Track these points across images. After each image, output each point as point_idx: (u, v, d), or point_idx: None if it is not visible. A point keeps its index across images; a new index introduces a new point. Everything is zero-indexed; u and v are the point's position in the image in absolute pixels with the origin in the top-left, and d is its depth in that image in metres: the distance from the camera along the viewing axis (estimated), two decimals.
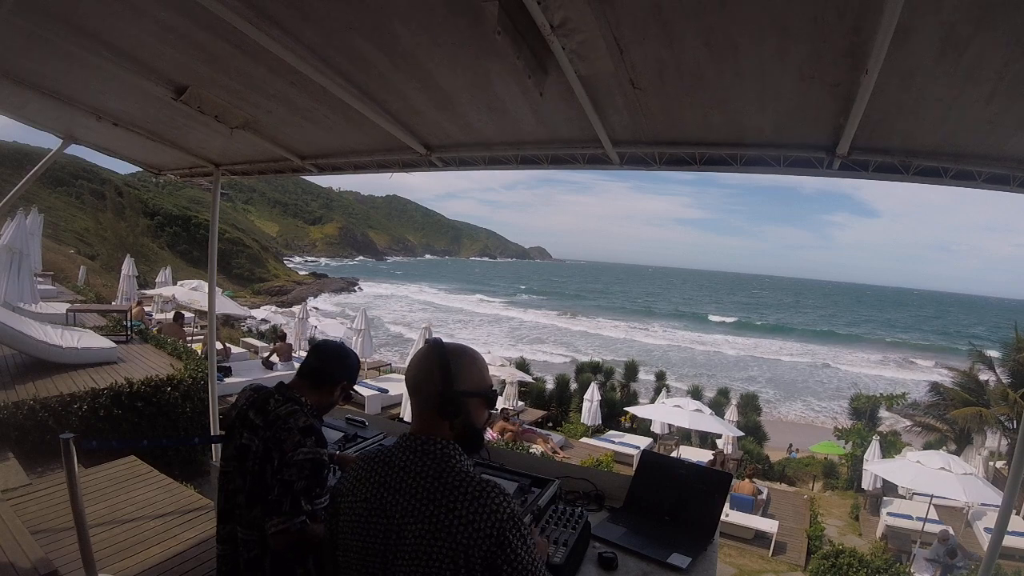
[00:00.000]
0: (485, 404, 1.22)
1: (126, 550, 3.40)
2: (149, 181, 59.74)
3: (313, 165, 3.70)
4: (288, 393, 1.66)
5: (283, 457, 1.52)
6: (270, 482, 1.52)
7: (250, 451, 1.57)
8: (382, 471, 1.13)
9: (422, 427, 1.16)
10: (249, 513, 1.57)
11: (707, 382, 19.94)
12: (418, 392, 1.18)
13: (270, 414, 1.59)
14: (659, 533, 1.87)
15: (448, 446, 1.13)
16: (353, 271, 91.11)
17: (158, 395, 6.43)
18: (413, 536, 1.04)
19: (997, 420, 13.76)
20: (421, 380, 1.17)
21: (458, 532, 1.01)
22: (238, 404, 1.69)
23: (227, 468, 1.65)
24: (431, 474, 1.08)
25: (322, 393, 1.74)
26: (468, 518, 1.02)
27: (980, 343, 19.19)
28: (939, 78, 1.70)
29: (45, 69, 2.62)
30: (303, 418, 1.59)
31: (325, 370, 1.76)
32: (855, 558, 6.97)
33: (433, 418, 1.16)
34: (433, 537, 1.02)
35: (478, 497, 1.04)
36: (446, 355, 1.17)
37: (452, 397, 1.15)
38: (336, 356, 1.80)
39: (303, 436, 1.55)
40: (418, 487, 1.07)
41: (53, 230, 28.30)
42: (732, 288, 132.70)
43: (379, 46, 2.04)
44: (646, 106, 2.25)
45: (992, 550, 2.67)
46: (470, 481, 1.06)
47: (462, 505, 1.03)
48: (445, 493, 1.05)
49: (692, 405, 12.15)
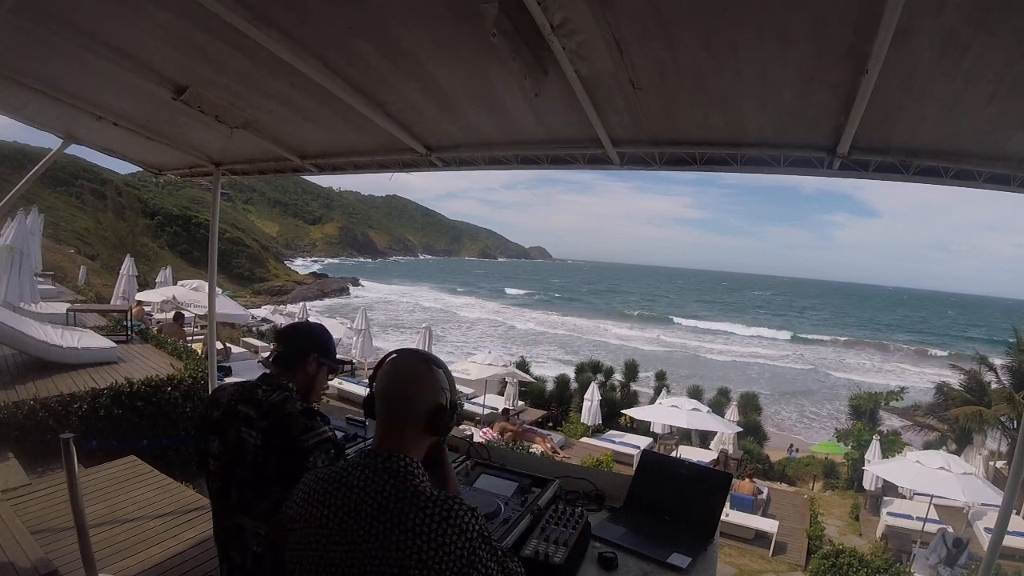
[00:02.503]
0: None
1: (126, 550, 3.40)
2: (149, 181, 59.64)
3: (313, 165, 3.70)
4: (274, 381, 1.66)
5: (294, 444, 1.52)
6: (284, 471, 1.51)
7: (248, 444, 1.56)
8: (339, 492, 1.04)
9: (390, 443, 1.09)
10: (259, 505, 1.56)
11: (707, 385, 19.91)
12: (406, 405, 1.11)
13: (262, 403, 1.59)
14: (659, 533, 1.86)
15: (411, 464, 1.06)
16: (353, 271, 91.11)
17: (158, 395, 6.43)
18: (378, 562, 0.96)
19: (997, 420, 13.77)
20: (412, 392, 1.11)
21: (427, 555, 0.95)
22: (222, 401, 1.66)
23: (218, 464, 1.63)
24: (394, 494, 1.01)
25: (297, 373, 1.72)
26: (438, 540, 0.96)
27: (981, 344, 19.16)
28: (939, 79, 1.70)
29: (45, 69, 2.62)
30: (298, 402, 1.59)
31: (292, 350, 1.74)
32: (855, 558, 6.97)
33: (415, 433, 1.11)
34: (400, 562, 0.95)
35: (446, 517, 0.98)
36: (440, 365, 1.14)
37: (450, 410, 1.12)
38: (299, 333, 1.79)
39: (308, 419, 1.55)
40: (381, 509, 0.99)
41: (53, 230, 28.29)
42: (732, 288, 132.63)
43: (379, 47, 2.04)
44: (646, 106, 2.25)
45: (992, 550, 2.67)
46: (435, 500, 1.00)
47: (429, 527, 0.97)
48: (410, 515, 0.98)
49: (690, 404, 12.16)
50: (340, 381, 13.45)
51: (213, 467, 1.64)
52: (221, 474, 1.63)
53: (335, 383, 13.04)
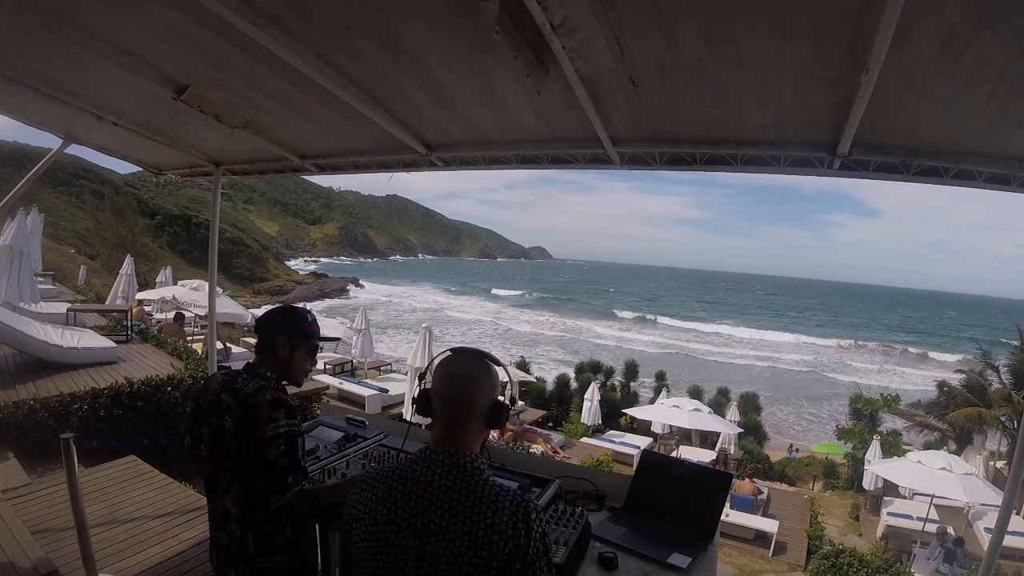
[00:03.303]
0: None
1: (126, 550, 3.40)
2: (149, 181, 59.65)
3: (313, 165, 3.70)
4: (254, 371, 1.71)
5: (256, 434, 1.56)
6: (251, 460, 1.57)
7: (226, 432, 1.61)
8: (405, 488, 1.08)
9: (452, 440, 1.12)
10: (239, 491, 1.62)
11: (707, 385, 19.89)
12: (466, 403, 1.15)
13: (239, 393, 1.63)
14: (659, 533, 1.86)
15: (477, 459, 1.11)
16: (353, 271, 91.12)
17: (158, 395, 6.43)
18: (451, 554, 1.01)
19: (997, 420, 13.75)
20: (475, 392, 1.15)
21: (497, 549, 1.00)
22: (210, 389, 1.72)
23: (208, 450, 1.69)
24: (464, 490, 1.05)
25: (273, 359, 1.75)
26: (507, 534, 1.01)
27: (981, 344, 19.13)
28: (940, 78, 1.70)
29: (45, 68, 2.61)
30: (270, 392, 1.62)
31: (262, 339, 1.78)
32: (855, 558, 6.96)
33: (475, 430, 1.15)
34: (474, 553, 1.00)
35: (516, 514, 1.03)
36: (495, 363, 1.19)
37: (503, 404, 1.17)
38: (270, 319, 1.81)
39: (272, 410, 1.58)
40: (452, 503, 1.04)
41: (53, 230, 28.27)
42: (732, 288, 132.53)
43: (380, 45, 2.04)
44: (647, 105, 2.24)
45: (992, 550, 2.67)
46: (507, 497, 1.05)
47: (502, 520, 1.02)
48: (484, 509, 1.03)
49: (690, 404, 12.16)
50: (341, 381, 13.42)
51: (204, 453, 1.70)
52: (210, 460, 1.68)
53: (335, 383, 13.01)
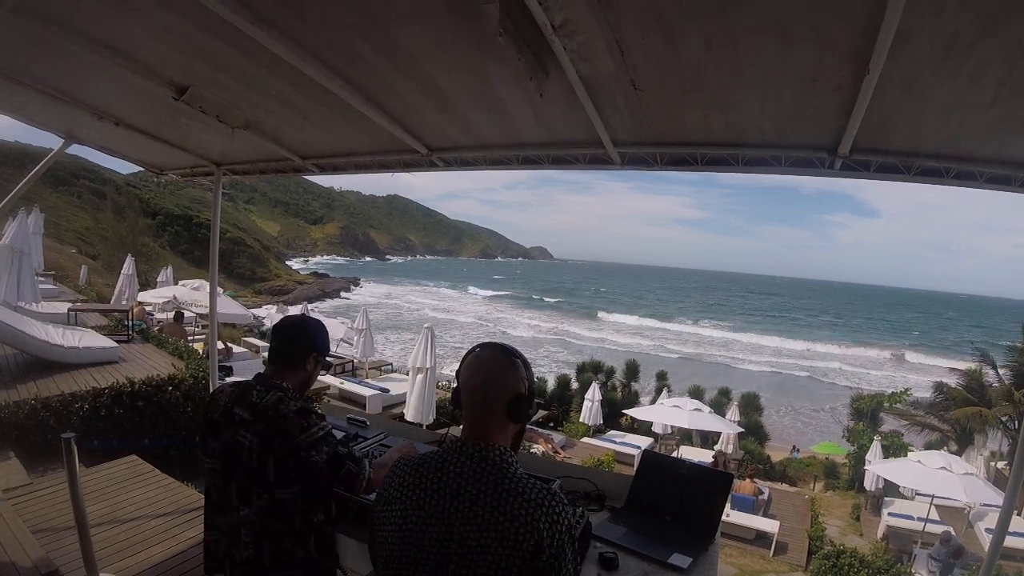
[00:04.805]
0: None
1: (127, 549, 3.41)
2: (150, 181, 59.66)
3: (314, 165, 3.70)
4: (268, 381, 1.66)
5: (291, 447, 1.53)
6: (283, 472, 1.53)
7: (243, 447, 1.56)
8: (436, 477, 1.10)
9: (479, 432, 1.14)
10: (255, 505, 1.57)
11: (707, 385, 19.90)
12: (489, 395, 1.16)
13: (257, 406, 1.59)
14: (660, 533, 1.86)
15: (506, 453, 1.12)
16: (354, 271, 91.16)
17: (159, 395, 6.43)
18: (474, 543, 1.02)
19: (998, 420, 13.74)
20: (496, 382, 1.17)
21: (523, 540, 1.01)
22: (220, 402, 1.67)
23: (220, 463, 1.64)
24: (492, 480, 1.07)
25: (296, 372, 1.73)
26: (533, 526, 1.02)
27: (981, 345, 19.13)
28: (941, 82, 1.70)
29: (46, 69, 2.62)
30: (292, 403, 1.60)
31: (292, 348, 1.74)
32: (856, 558, 6.98)
33: (500, 422, 1.16)
34: (497, 544, 1.01)
35: (541, 505, 1.04)
36: (519, 356, 1.20)
37: (529, 398, 1.18)
38: (298, 331, 1.78)
39: (302, 419, 1.57)
40: (479, 493, 1.06)
41: (54, 230, 28.34)
42: (732, 289, 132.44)
43: (379, 47, 2.04)
44: (647, 107, 2.24)
45: (993, 550, 2.67)
46: (533, 488, 1.06)
47: (528, 512, 1.03)
48: (510, 500, 1.04)
49: (691, 405, 12.16)
50: (342, 381, 13.44)
51: (215, 466, 1.66)
52: (223, 473, 1.64)
53: (336, 383, 13.03)
